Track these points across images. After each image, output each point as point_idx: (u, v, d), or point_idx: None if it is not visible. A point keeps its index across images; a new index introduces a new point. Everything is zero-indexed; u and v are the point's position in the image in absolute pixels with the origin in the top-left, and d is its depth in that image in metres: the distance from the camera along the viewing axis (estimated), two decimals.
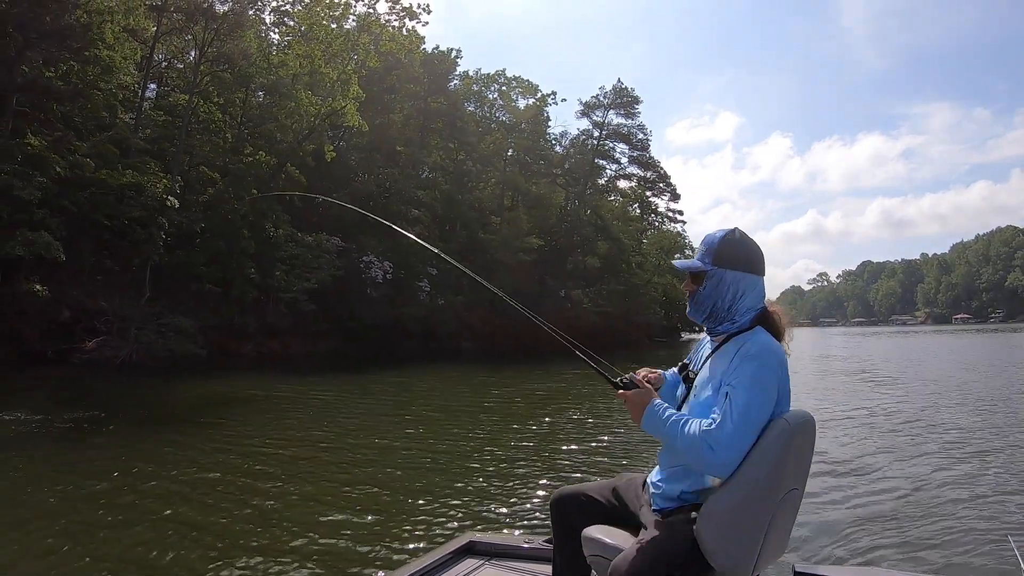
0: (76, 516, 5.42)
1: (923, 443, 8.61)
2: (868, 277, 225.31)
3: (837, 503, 5.76)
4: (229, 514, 5.43)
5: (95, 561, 4.45)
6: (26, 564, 4.41)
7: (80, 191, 23.52)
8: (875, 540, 4.80)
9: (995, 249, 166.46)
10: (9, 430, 9.60)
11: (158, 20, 28.97)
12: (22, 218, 21.41)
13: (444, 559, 2.76)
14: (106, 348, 21.44)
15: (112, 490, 6.34)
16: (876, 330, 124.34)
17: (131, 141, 26.44)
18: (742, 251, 1.97)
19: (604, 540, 1.94)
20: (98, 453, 8.17)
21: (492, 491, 6.17)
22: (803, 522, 5.08)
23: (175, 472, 6.98)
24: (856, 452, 8.03)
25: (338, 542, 4.68)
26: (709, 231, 2.03)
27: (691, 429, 1.77)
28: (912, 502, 5.80)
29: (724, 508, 1.76)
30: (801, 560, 1.29)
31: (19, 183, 21.48)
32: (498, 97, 49.82)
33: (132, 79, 30.83)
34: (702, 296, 1.98)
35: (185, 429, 9.89)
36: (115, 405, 12.40)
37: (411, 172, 39.43)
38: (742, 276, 1.96)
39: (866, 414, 11.39)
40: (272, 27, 36.23)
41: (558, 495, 2.20)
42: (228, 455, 7.92)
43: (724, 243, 1.96)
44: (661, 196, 57.08)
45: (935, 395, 14.23)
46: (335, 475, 6.86)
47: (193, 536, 4.87)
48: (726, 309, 1.96)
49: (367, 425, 10.12)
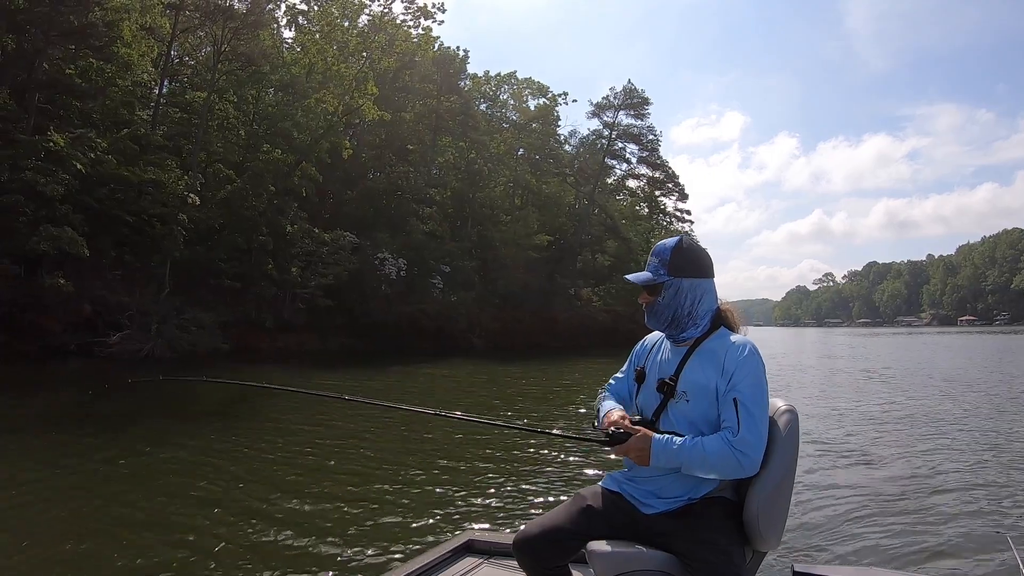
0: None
1: (923, 442, 8.59)
2: (874, 278, 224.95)
3: (836, 503, 5.77)
4: (227, 512, 5.35)
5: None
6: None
7: (101, 187, 23.87)
8: (874, 540, 4.82)
9: (1001, 251, 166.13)
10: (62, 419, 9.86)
11: (175, 18, 29.28)
12: (46, 214, 21.75)
13: (443, 557, 2.75)
14: (129, 342, 21.75)
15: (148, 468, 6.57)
16: (880, 331, 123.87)
17: (150, 138, 26.73)
18: (694, 258, 2.04)
19: (630, 551, 1.91)
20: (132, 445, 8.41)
21: (492, 489, 6.12)
22: (803, 521, 5.17)
23: (163, 465, 7.02)
24: (856, 452, 8.03)
25: (336, 540, 4.65)
26: (661, 243, 2.10)
27: (713, 445, 1.84)
28: (911, 501, 5.82)
29: (768, 494, 1.90)
30: (800, 560, 1.39)
31: (42, 179, 21.83)
32: (508, 97, 50.13)
33: (148, 76, 31.26)
34: (660, 306, 2.03)
35: (199, 428, 9.81)
36: (156, 398, 12.64)
37: (423, 170, 39.74)
38: (698, 282, 2.02)
39: (866, 413, 11.39)
40: (286, 26, 36.64)
41: (522, 537, 2.03)
42: (232, 451, 7.90)
43: (677, 253, 2.02)
44: (669, 196, 57.34)
45: (935, 394, 14.19)
46: (336, 474, 6.80)
47: (182, 532, 4.84)
48: (686, 315, 2.02)
49: (370, 422, 10.06)
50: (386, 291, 31.83)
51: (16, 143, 23.15)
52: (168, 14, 29.37)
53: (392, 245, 32.90)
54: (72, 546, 4.58)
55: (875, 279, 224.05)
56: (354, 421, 10.14)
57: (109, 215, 23.70)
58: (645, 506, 2.00)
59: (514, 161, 46.03)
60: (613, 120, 51.66)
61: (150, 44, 29.86)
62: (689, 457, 1.85)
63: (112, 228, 23.96)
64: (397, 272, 32.36)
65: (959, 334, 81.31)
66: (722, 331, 2.03)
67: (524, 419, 10.73)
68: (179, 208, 24.27)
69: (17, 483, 6.21)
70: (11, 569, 4.22)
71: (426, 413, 2.52)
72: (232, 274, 26.29)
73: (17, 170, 22.15)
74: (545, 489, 6.17)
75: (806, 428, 9.09)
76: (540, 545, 2.01)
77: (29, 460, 7.30)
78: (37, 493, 5.91)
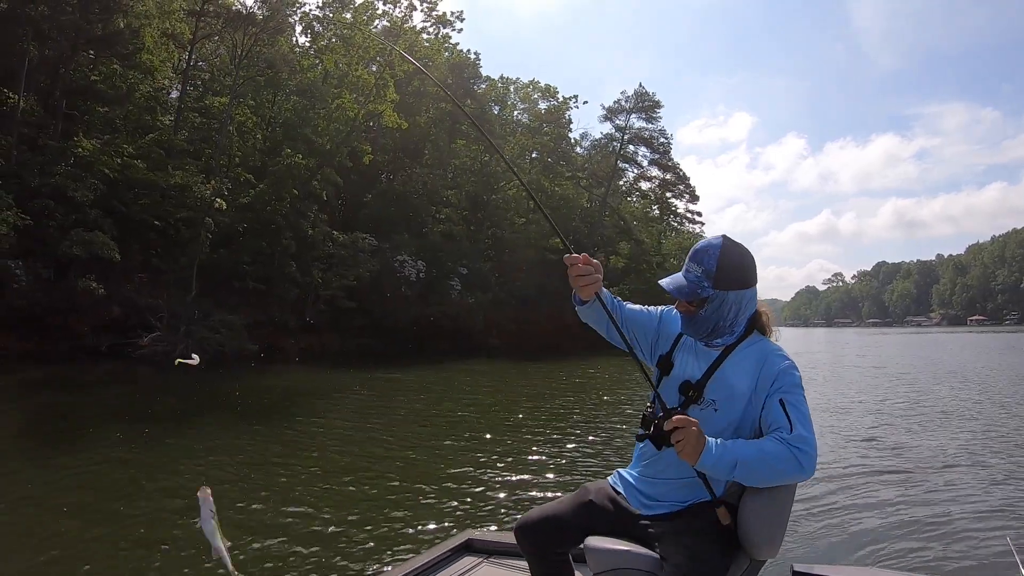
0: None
1: (924, 441, 8.58)
2: (883, 278, 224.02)
3: (835, 503, 5.77)
4: (225, 512, 5.17)
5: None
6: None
7: (128, 191, 24.28)
8: (873, 540, 4.83)
9: (1011, 251, 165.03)
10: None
11: (196, 25, 29.69)
12: (76, 219, 22.15)
13: (442, 557, 2.75)
14: (160, 343, 22.09)
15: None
16: (889, 331, 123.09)
17: (174, 143, 27.15)
18: (739, 268, 1.90)
19: (622, 550, 1.89)
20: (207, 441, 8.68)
21: (492, 489, 6.13)
22: (802, 521, 5.20)
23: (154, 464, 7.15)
24: (856, 451, 8.01)
25: (336, 538, 4.68)
26: (705, 239, 1.97)
27: (769, 444, 1.72)
28: (911, 501, 5.82)
29: (763, 501, 1.81)
30: (800, 560, 1.44)
31: (72, 184, 22.25)
32: (519, 100, 50.48)
33: (169, 82, 31.72)
34: (702, 318, 1.91)
35: (200, 428, 9.91)
36: (208, 396, 13.01)
37: (439, 172, 40.09)
38: (743, 293, 1.91)
39: (866, 412, 11.39)
40: (303, 32, 37.03)
41: (523, 522, 2.05)
42: (231, 452, 7.95)
43: (723, 262, 1.88)
44: (680, 198, 57.49)
45: (936, 393, 14.17)
46: (337, 473, 6.82)
47: (179, 529, 4.89)
48: (727, 326, 1.92)
49: (371, 423, 10.17)
50: (406, 293, 32.15)
51: (45, 149, 23.64)
52: (188, 20, 29.86)
53: (410, 247, 33.24)
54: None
55: (884, 279, 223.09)
56: (355, 422, 10.30)
57: (136, 219, 24.08)
58: (645, 507, 1.96)
59: (528, 164, 46.34)
60: (625, 123, 51.97)
61: (170, 50, 30.39)
62: (744, 454, 1.70)
63: (140, 232, 24.34)
64: (417, 274, 32.67)
65: (968, 333, 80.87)
66: (755, 336, 1.95)
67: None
68: (205, 212, 24.63)
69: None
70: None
71: None
72: (256, 276, 26.65)
73: (47, 175, 22.60)
74: (547, 490, 6.18)
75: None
76: (540, 530, 2.02)
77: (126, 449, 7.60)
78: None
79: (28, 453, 7.54)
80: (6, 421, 10.07)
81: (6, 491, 5.88)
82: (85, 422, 10.20)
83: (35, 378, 16.17)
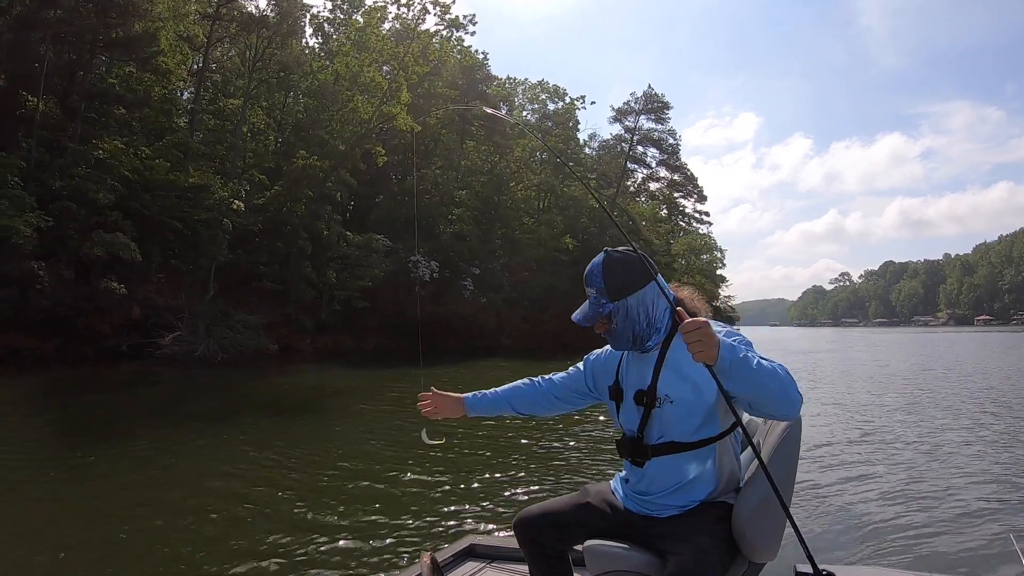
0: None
1: (924, 442, 8.49)
2: (890, 277, 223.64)
3: (837, 502, 5.73)
4: (223, 511, 5.33)
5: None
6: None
7: (147, 193, 24.55)
8: (876, 539, 4.79)
9: (1018, 250, 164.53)
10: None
11: (211, 28, 29.99)
12: (97, 220, 22.43)
13: (445, 562, 2.73)
14: (181, 343, 22.36)
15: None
16: (896, 331, 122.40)
17: (191, 145, 27.44)
18: (625, 271, 1.92)
19: (621, 552, 1.90)
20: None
21: (495, 494, 6.07)
22: (803, 521, 5.03)
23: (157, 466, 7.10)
24: (856, 450, 7.95)
25: (337, 544, 4.63)
26: (589, 268, 1.97)
27: (768, 363, 1.64)
28: (912, 500, 5.77)
29: (760, 501, 1.81)
30: (802, 560, 1.50)
31: (93, 186, 22.53)
32: (527, 101, 50.73)
33: (184, 84, 32.02)
34: (618, 331, 1.95)
35: (200, 427, 9.61)
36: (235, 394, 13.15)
37: (451, 173, 40.35)
38: (642, 293, 1.92)
39: (866, 412, 11.32)
40: (314, 34, 37.38)
41: (523, 516, 2.07)
42: (230, 452, 7.95)
43: (609, 279, 1.91)
44: (688, 198, 57.73)
45: (937, 393, 14.10)
46: (336, 475, 6.79)
47: (182, 533, 4.88)
48: (645, 328, 1.94)
49: (371, 423, 10.12)
50: (420, 293, 32.39)
51: (65, 151, 23.92)
52: (203, 24, 30.17)
53: (423, 247, 33.48)
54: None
55: (891, 278, 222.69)
56: (355, 421, 10.38)
57: (156, 220, 24.37)
58: (644, 509, 1.98)
59: (538, 164, 46.58)
60: (634, 125, 52.24)
61: (185, 52, 30.66)
62: (752, 357, 1.62)
63: (158, 233, 24.62)
64: (430, 274, 32.90)
65: (975, 333, 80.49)
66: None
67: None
68: (223, 213, 24.89)
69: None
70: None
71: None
72: (273, 277, 26.94)
73: (68, 177, 22.88)
74: (549, 494, 6.12)
75: (812, 425, 9.08)
76: (538, 525, 2.04)
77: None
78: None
79: (66, 457, 7.32)
80: (50, 422, 10.20)
81: (59, 491, 5.99)
82: (124, 421, 10.35)
83: (64, 377, 16.37)
